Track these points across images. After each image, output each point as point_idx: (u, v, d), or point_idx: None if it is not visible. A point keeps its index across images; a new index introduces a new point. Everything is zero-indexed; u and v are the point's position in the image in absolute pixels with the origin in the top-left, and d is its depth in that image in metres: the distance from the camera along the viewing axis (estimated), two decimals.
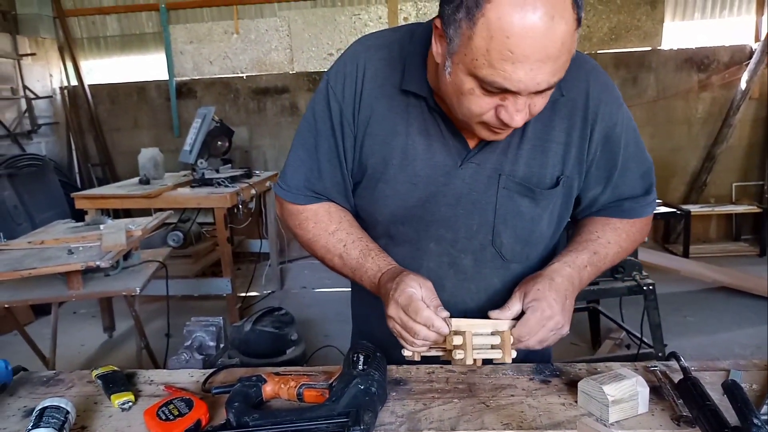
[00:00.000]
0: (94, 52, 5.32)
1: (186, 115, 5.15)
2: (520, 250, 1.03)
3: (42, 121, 4.94)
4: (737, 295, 3.80)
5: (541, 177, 0.97)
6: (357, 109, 0.98)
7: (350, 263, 1.01)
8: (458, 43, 0.77)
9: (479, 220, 0.99)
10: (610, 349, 3.07)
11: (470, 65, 0.77)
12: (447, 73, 0.82)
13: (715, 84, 4.89)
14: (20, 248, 2.46)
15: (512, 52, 0.72)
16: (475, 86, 0.79)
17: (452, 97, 0.85)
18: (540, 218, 1.01)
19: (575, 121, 0.96)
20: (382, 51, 0.98)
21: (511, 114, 0.80)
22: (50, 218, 3.50)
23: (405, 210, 1.01)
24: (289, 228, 1.10)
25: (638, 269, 2.50)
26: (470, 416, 0.85)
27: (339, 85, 0.99)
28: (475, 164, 0.96)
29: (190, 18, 5.14)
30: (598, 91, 0.97)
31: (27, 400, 0.95)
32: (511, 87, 0.76)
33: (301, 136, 1.04)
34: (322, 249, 1.04)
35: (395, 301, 0.89)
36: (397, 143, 0.97)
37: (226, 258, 3.61)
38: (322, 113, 1.01)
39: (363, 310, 1.21)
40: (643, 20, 4.80)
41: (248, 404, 0.84)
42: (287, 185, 1.05)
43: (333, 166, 1.02)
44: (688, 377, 0.88)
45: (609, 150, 1.00)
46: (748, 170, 5.05)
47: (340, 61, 1.01)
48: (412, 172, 0.98)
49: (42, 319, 3.79)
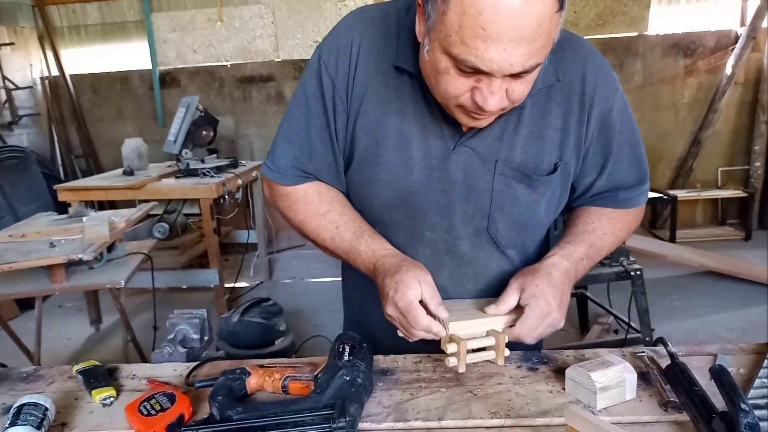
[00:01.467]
0: (75, 41, 5.22)
1: (170, 105, 5.08)
2: (516, 236, 1.01)
3: (23, 112, 4.85)
4: (723, 279, 3.84)
5: (538, 163, 0.95)
6: (351, 86, 0.93)
7: (343, 246, 0.98)
8: (434, 19, 0.75)
9: (475, 206, 0.97)
10: (598, 335, 3.09)
11: (444, 42, 0.75)
12: (425, 51, 0.81)
13: (701, 69, 4.90)
14: (1, 242, 2.42)
15: (484, 29, 0.70)
16: (450, 65, 0.77)
17: (430, 77, 0.83)
18: (537, 205, 0.98)
19: (572, 106, 0.94)
20: (378, 24, 0.93)
21: (485, 96, 0.77)
22: (33, 211, 3.44)
23: (400, 195, 0.96)
24: (278, 210, 1.06)
25: (626, 255, 2.51)
26: (458, 405, 0.84)
27: (332, 59, 0.94)
28: (468, 149, 0.93)
29: (173, 5, 5.05)
30: (595, 75, 0.95)
31: (6, 397, 0.93)
32: (483, 67, 0.74)
33: (290, 114, 0.99)
34: (314, 231, 1.01)
35: (394, 303, 0.86)
36: (392, 124, 0.93)
37: (213, 249, 3.58)
38: (313, 90, 0.96)
39: (355, 295, 1.19)
40: (630, 5, 4.79)
41: (232, 398, 0.83)
42: (276, 166, 1.00)
43: (324, 145, 0.98)
44: (675, 363, 0.88)
45: (604, 135, 0.98)
46: (734, 155, 5.08)
47: (333, 35, 0.96)
48: (407, 155, 0.94)
49: (27, 313, 3.74)
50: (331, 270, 4.41)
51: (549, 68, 0.90)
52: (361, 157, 0.96)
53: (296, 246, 5.19)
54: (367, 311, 1.13)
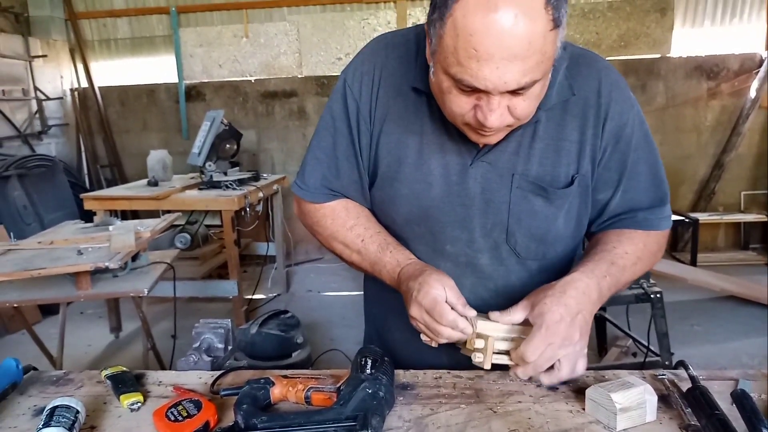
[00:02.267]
0: (105, 55, 5.36)
1: (195, 118, 5.18)
2: (535, 248, 1.01)
3: (52, 122, 4.99)
4: (745, 305, 3.77)
5: (555, 176, 0.96)
6: (374, 108, 1.00)
7: (369, 258, 1.01)
8: (436, 42, 0.80)
9: (493, 219, 0.98)
10: (617, 357, 3.05)
11: (444, 63, 0.79)
12: (432, 73, 0.86)
13: (724, 92, 4.87)
14: (30, 248, 2.48)
15: (476, 50, 0.74)
16: (451, 85, 0.81)
17: (438, 97, 0.89)
18: (555, 217, 0.98)
19: (588, 119, 0.95)
20: (399, 49, 0.99)
21: (485, 114, 0.80)
22: (59, 219, 3.53)
23: (421, 210, 1.00)
24: (307, 226, 1.11)
25: (645, 277, 2.49)
26: (477, 422, 0.85)
27: (356, 83, 1.00)
28: (486, 163, 0.96)
29: (200, 21, 5.18)
30: (609, 89, 0.96)
31: (37, 399, 0.95)
32: (479, 85, 0.77)
33: (318, 135, 1.05)
34: (341, 245, 1.05)
35: (418, 303, 0.88)
36: (412, 142, 0.98)
37: (233, 260, 3.62)
38: (339, 112, 1.02)
39: (377, 309, 1.21)
40: (653, 27, 4.79)
41: (256, 406, 0.84)
42: (305, 184, 1.06)
43: (350, 164, 1.03)
44: (696, 386, 0.88)
45: (619, 150, 0.98)
46: (757, 179, 5.02)
47: (357, 60, 1.03)
48: (427, 171, 0.98)
49: (49, 318, 3.81)
50: (348, 284, 4.43)
51: (564, 83, 0.93)
52: (383, 174, 1.01)
53: (314, 259, 5.22)
54: (389, 324, 1.16)
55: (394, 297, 0.99)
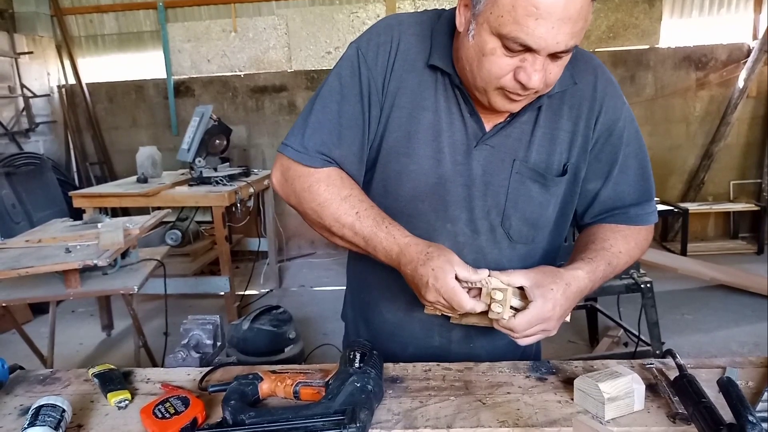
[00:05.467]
0: (92, 51, 5.31)
1: (184, 114, 5.15)
2: (527, 232, 1.04)
3: (40, 119, 4.94)
4: (735, 293, 3.81)
5: (550, 164, 1.00)
6: (387, 80, 0.98)
7: (363, 231, 0.95)
8: (484, 2, 0.82)
9: (491, 201, 1.01)
10: (608, 347, 3.07)
11: (495, 23, 0.81)
12: (470, 36, 0.87)
13: (713, 82, 4.89)
14: (18, 247, 2.46)
15: (536, 8, 0.77)
16: (497, 46, 0.83)
17: (473, 61, 0.88)
18: (548, 204, 1.03)
19: (582, 111, 1.00)
20: (414, 27, 1.00)
21: (529, 74, 0.83)
22: (48, 217, 3.50)
23: (428, 186, 1.00)
24: (291, 194, 1.01)
25: (636, 267, 2.50)
26: (466, 414, 0.85)
27: (371, 53, 0.98)
28: (489, 147, 0.99)
29: (188, 16, 5.13)
30: (604, 85, 1.01)
31: (23, 399, 0.95)
32: (533, 44, 0.80)
33: (322, 100, 1.00)
34: (333, 215, 0.96)
35: (437, 290, 0.86)
36: (425, 117, 0.98)
37: (225, 256, 3.61)
38: (349, 79, 0.99)
39: (368, 295, 1.17)
40: (641, 18, 4.80)
41: (245, 402, 0.84)
42: (304, 147, 0.98)
43: (354, 133, 0.99)
44: (683, 374, 0.88)
45: (611, 143, 1.02)
46: (746, 168, 5.06)
47: (372, 32, 1.01)
48: (437, 148, 0.99)
49: (40, 317, 3.79)
50: (340, 279, 4.42)
51: (566, 73, 0.94)
52: (391, 149, 1.00)
53: (306, 254, 5.22)
54: (380, 309, 1.13)
55: (385, 281, 1.02)
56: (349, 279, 1.24)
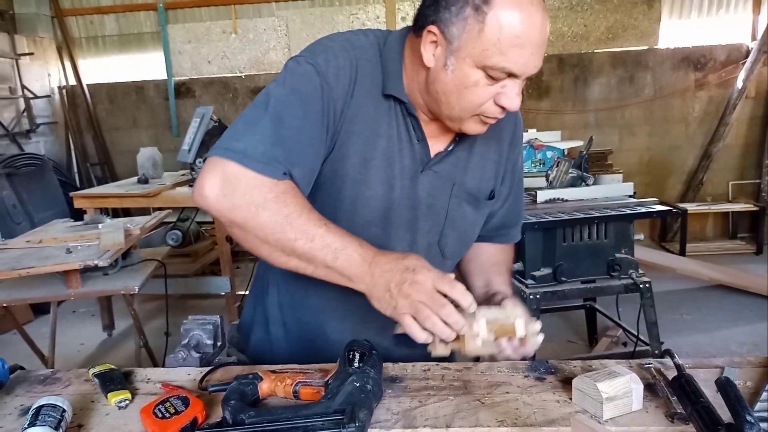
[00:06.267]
0: (93, 52, 5.32)
1: (184, 115, 5.16)
2: (458, 249, 1.15)
3: (40, 120, 4.95)
4: (734, 293, 3.81)
5: (481, 188, 1.11)
6: (346, 106, 0.96)
7: (335, 242, 0.86)
8: (465, 38, 0.87)
9: (431, 222, 1.07)
10: (607, 347, 3.08)
11: (480, 56, 0.86)
12: (449, 71, 0.90)
13: (711, 83, 4.90)
14: (19, 247, 2.47)
15: (519, 37, 0.85)
16: (480, 77, 0.89)
17: (452, 93, 0.92)
18: (478, 223, 1.15)
19: (504, 143, 1.12)
20: (367, 51, 0.99)
21: (510, 98, 0.90)
22: (49, 217, 3.50)
23: (381, 211, 1.02)
24: (240, 206, 0.86)
25: (635, 267, 2.50)
26: (465, 413, 0.86)
27: (331, 76, 0.94)
28: (433, 172, 1.04)
29: (189, 18, 5.14)
30: (520, 124, 1.17)
31: (24, 399, 0.95)
32: (518, 70, 0.87)
33: (278, 113, 0.91)
34: (301, 227, 0.86)
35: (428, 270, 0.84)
36: (380, 145, 0.99)
37: (225, 257, 3.61)
38: (311, 98, 0.93)
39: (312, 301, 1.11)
40: (640, 19, 4.81)
41: (244, 402, 0.84)
42: (266, 157, 0.87)
43: (310, 154, 0.94)
44: (682, 374, 0.88)
45: (514, 172, 1.17)
46: (745, 169, 5.06)
47: (327, 52, 0.96)
48: (390, 173, 1.01)
49: (41, 318, 3.80)
50: None
51: None
52: (347, 175, 0.99)
53: None
54: (319, 332, 1.10)
55: (332, 303, 1.05)
56: (279, 299, 1.15)
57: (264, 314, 1.19)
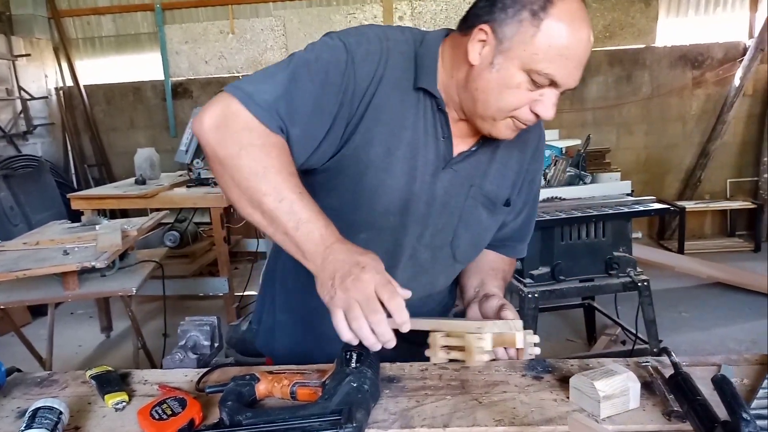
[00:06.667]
0: (90, 53, 5.31)
1: (182, 115, 5.15)
2: (470, 253, 1.16)
3: (38, 121, 4.94)
4: (732, 291, 3.82)
5: (499, 194, 1.12)
6: (369, 91, 0.96)
7: (303, 212, 0.86)
8: (517, 40, 0.89)
9: (445, 221, 1.08)
10: (606, 345, 3.08)
11: (528, 60, 0.89)
12: (495, 69, 0.92)
13: (709, 81, 4.91)
14: (16, 249, 2.46)
15: (568, 49, 0.89)
16: (524, 80, 0.91)
17: (492, 91, 0.94)
18: (491, 229, 1.16)
19: (525, 156, 1.14)
20: (401, 46, 1.01)
21: (547, 107, 0.93)
22: (46, 219, 3.50)
23: (401, 201, 1.03)
24: (230, 142, 0.87)
25: (633, 265, 2.51)
26: (463, 413, 0.86)
27: (359, 57, 0.95)
28: (453, 170, 1.05)
29: (186, 18, 5.14)
30: (544, 140, 1.19)
31: (21, 401, 0.95)
32: (560, 79, 0.90)
33: (297, 74, 0.92)
34: (274, 184, 0.85)
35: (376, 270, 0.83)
36: (405, 136, 1.00)
37: (223, 257, 3.61)
38: (333, 71, 0.93)
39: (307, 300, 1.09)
40: (638, 17, 4.81)
41: (241, 403, 0.84)
42: (267, 104, 0.89)
43: (316, 125, 0.94)
44: (678, 372, 0.88)
45: (531, 187, 1.19)
46: (743, 167, 5.07)
47: (360, 36, 0.97)
48: (413, 165, 1.01)
49: (39, 320, 3.79)
50: None
51: None
52: (371, 163, 1.00)
53: None
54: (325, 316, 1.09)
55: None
56: (285, 284, 1.17)
57: (272, 301, 1.22)
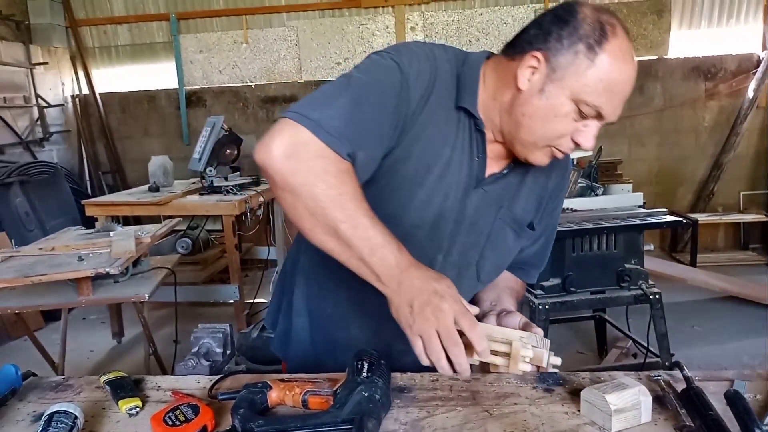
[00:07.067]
0: (106, 61, 5.39)
1: (195, 124, 5.20)
2: (494, 273, 1.17)
3: (54, 129, 5.01)
4: (745, 305, 3.77)
5: (524, 217, 1.13)
6: (419, 110, 0.98)
7: (377, 237, 0.87)
8: (571, 71, 0.92)
9: (473, 240, 1.09)
10: (617, 358, 3.06)
11: (580, 90, 0.92)
12: (544, 97, 0.94)
13: (722, 93, 4.88)
14: (31, 255, 2.50)
15: (618, 85, 0.92)
16: (572, 110, 0.94)
17: (539, 118, 0.96)
18: (514, 252, 1.17)
19: (549, 185, 1.15)
20: (446, 65, 1.02)
21: (588, 137, 0.96)
22: (61, 225, 3.54)
23: (432, 217, 1.04)
24: (303, 170, 0.86)
25: (644, 278, 2.49)
26: (473, 424, 0.86)
27: (412, 77, 0.96)
28: (483, 191, 1.06)
29: (200, 28, 5.20)
30: (567, 177, 1.23)
31: (36, 405, 0.96)
32: (606, 112, 0.94)
33: (356, 95, 0.92)
34: (351, 209, 0.86)
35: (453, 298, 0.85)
36: (444, 153, 1.01)
37: (234, 265, 3.63)
38: (390, 93, 0.94)
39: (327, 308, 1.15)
40: (650, 29, 4.80)
41: (253, 410, 0.85)
42: (338, 132, 0.88)
43: (375, 145, 0.95)
44: (691, 387, 0.88)
45: (552, 215, 1.20)
46: (756, 179, 5.02)
47: (411, 55, 0.98)
48: (448, 184, 1.02)
49: (52, 324, 3.82)
50: None
51: None
52: (408, 176, 1.01)
53: None
54: (341, 325, 1.13)
55: (357, 296, 1.05)
56: (306, 289, 1.18)
57: (289, 305, 1.23)
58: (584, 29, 0.91)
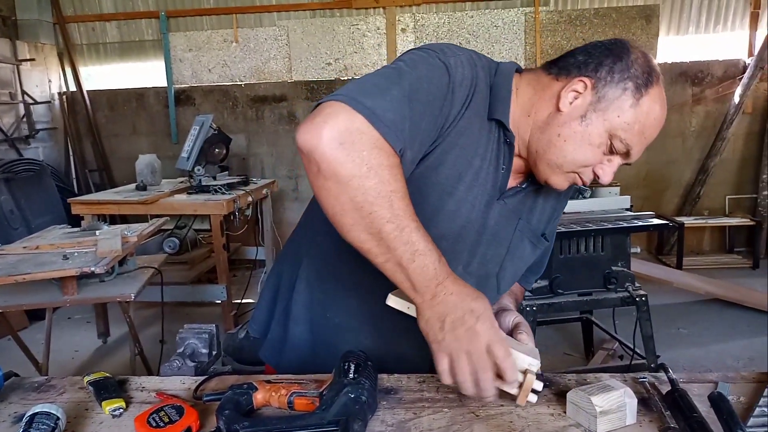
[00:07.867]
0: (94, 59, 5.34)
1: (184, 122, 5.17)
2: (509, 285, 1.17)
3: (40, 126, 4.95)
4: (730, 307, 3.81)
5: (539, 228, 1.14)
6: (459, 117, 0.96)
7: (421, 241, 0.82)
8: (615, 105, 0.93)
9: (493, 251, 1.09)
10: (603, 360, 3.08)
11: (617, 125, 0.94)
12: (584, 123, 0.95)
13: (709, 98, 4.93)
14: (15, 253, 2.47)
15: (650, 128, 0.95)
16: (605, 142, 0.95)
17: (573, 143, 0.96)
18: (529, 262, 1.18)
19: (563, 195, 1.17)
20: (482, 72, 0.99)
21: (607, 172, 0.98)
22: (46, 223, 3.50)
23: (458, 228, 1.02)
24: (358, 160, 0.79)
25: (631, 280, 2.51)
26: (460, 426, 0.86)
27: (457, 83, 0.94)
28: (503, 203, 1.06)
29: (190, 26, 5.17)
30: (568, 197, 1.25)
31: (18, 406, 0.95)
32: (633, 152, 0.97)
33: (408, 91, 0.86)
34: (398, 211, 0.81)
35: (492, 324, 0.83)
36: (475, 162, 1.00)
37: (222, 265, 3.61)
38: (437, 94, 0.91)
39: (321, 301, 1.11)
40: (639, 34, 4.85)
41: (239, 412, 0.84)
42: (395, 125, 0.83)
43: (419, 145, 0.92)
44: (675, 389, 0.89)
45: (553, 225, 1.21)
46: (742, 183, 5.08)
47: (457, 58, 0.95)
48: (475, 194, 1.02)
49: (36, 324, 3.78)
50: None
51: None
52: (439, 184, 0.99)
53: None
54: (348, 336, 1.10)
55: (370, 309, 1.05)
56: (307, 297, 1.14)
57: (285, 313, 1.16)
58: (635, 69, 0.93)
